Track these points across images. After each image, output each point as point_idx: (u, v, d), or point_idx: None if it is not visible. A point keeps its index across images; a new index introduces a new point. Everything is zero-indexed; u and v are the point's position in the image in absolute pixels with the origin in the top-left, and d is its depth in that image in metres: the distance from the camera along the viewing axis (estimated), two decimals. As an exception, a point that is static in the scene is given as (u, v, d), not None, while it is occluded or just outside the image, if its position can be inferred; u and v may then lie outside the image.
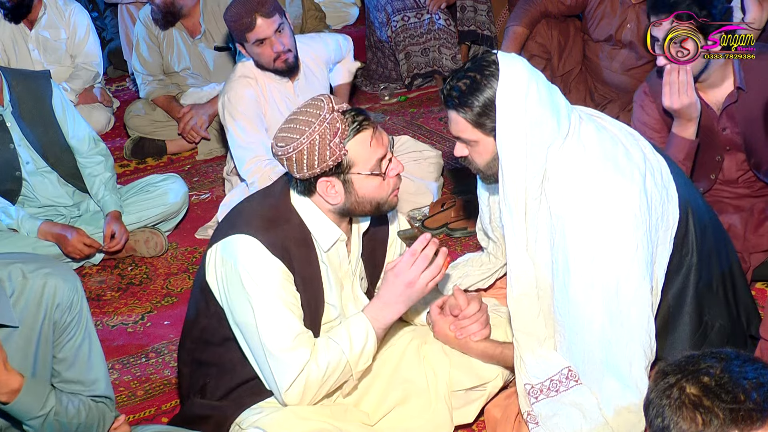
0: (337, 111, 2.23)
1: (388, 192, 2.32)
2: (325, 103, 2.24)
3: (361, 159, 2.24)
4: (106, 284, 3.67)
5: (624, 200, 2.21)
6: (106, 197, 3.71)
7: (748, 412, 1.37)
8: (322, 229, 2.34)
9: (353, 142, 2.23)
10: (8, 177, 3.62)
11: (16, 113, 3.55)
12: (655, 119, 3.15)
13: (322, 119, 2.20)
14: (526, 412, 2.34)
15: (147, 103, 4.69)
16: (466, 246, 3.60)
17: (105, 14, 5.78)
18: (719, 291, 2.48)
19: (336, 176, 2.25)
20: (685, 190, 2.41)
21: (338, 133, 2.20)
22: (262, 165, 3.55)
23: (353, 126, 2.23)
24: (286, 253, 2.29)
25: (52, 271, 2.09)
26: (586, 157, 2.24)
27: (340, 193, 2.27)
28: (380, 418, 2.48)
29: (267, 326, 2.26)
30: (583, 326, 2.25)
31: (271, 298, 2.26)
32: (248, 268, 2.26)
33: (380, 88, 5.21)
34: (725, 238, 2.60)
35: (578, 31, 4.25)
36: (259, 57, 3.56)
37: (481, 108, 2.21)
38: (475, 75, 2.22)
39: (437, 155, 3.95)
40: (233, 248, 2.29)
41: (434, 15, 5.06)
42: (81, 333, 2.15)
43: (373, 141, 2.25)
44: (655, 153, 2.39)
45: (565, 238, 2.23)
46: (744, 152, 3.09)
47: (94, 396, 2.19)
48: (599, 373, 2.26)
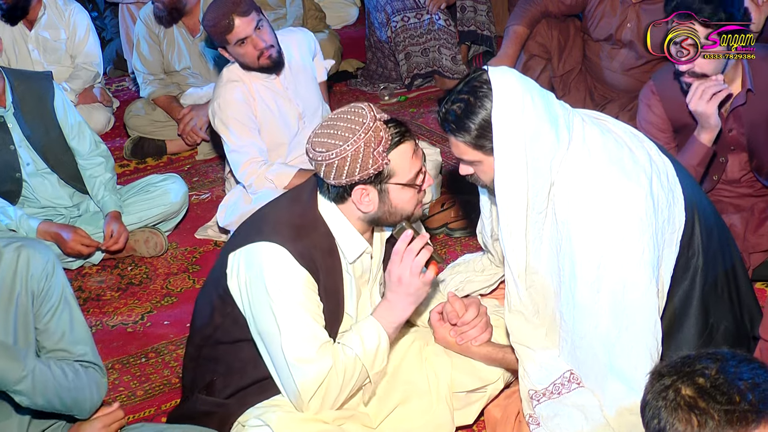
0: (380, 120, 2.22)
1: (415, 203, 2.32)
2: (368, 111, 2.23)
3: (400, 170, 2.24)
4: (106, 284, 3.67)
5: (630, 204, 2.20)
6: (105, 198, 3.70)
7: (743, 413, 1.37)
8: (349, 240, 2.34)
9: (396, 152, 2.23)
10: (8, 178, 3.62)
11: (17, 114, 3.55)
12: (662, 119, 3.14)
13: (367, 127, 2.19)
14: (528, 415, 2.34)
15: (147, 103, 4.68)
16: (466, 246, 3.60)
17: (105, 14, 5.78)
18: (724, 292, 2.47)
19: (373, 185, 2.24)
20: (691, 191, 2.40)
21: (382, 143, 2.20)
22: (257, 167, 3.54)
23: (396, 136, 2.23)
24: (312, 263, 2.28)
25: (24, 243, 2.11)
26: (592, 161, 2.23)
27: (373, 202, 2.27)
28: (382, 420, 2.48)
29: (290, 337, 2.25)
30: (589, 330, 2.24)
31: (295, 308, 2.25)
32: (274, 277, 2.25)
33: (380, 88, 5.21)
34: (729, 238, 2.59)
35: (578, 31, 4.24)
36: (243, 57, 3.54)
37: (478, 130, 2.20)
38: (469, 97, 2.21)
39: (436, 152, 3.94)
40: (259, 256, 2.27)
41: (434, 15, 5.05)
42: (60, 302, 2.16)
43: (414, 154, 2.26)
44: (660, 155, 2.37)
45: (571, 242, 2.22)
46: (747, 152, 3.09)
47: (81, 362, 2.20)
48: (603, 375, 2.25)
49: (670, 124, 3.14)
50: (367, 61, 5.36)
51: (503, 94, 2.17)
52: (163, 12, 4.48)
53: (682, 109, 3.07)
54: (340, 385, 2.29)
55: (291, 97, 3.66)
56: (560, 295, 2.29)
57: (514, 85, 2.19)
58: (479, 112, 2.19)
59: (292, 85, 3.67)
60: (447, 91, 2.33)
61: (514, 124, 2.16)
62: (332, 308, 2.35)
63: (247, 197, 3.57)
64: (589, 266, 2.20)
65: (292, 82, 3.68)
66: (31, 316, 2.12)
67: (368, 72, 5.33)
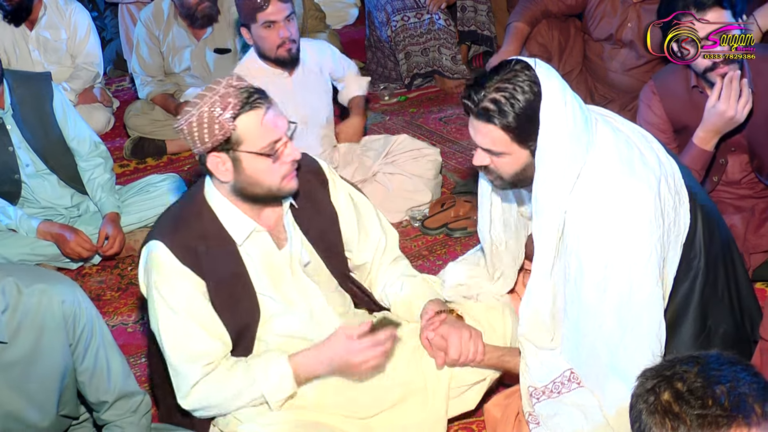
0: (233, 87, 2.19)
1: (279, 176, 2.26)
2: (226, 79, 2.21)
3: (250, 137, 2.20)
4: (106, 284, 3.67)
5: (639, 206, 2.18)
6: (103, 199, 3.70)
7: (714, 417, 1.39)
8: (233, 221, 2.32)
9: (244, 117, 2.18)
10: (7, 180, 3.62)
11: (16, 116, 3.55)
12: (663, 119, 3.13)
13: (215, 92, 2.18)
14: (528, 413, 2.34)
15: (146, 103, 4.69)
16: (466, 246, 3.60)
17: (105, 14, 5.79)
18: (724, 295, 2.46)
19: (226, 152, 2.21)
20: (695, 193, 2.39)
21: (229, 108, 2.16)
22: None
23: (247, 102, 2.18)
24: (194, 256, 2.27)
25: (48, 286, 2.04)
26: (603, 161, 2.21)
27: (230, 171, 2.23)
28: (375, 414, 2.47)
29: (169, 339, 2.29)
30: (593, 329, 2.24)
31: (176, 314, 2.27)
32: (158, 280, 2.27)
33: (380, 88, 5.21)
34: (731, 240, 2.59)
35: (579, 31, 4.24)
36: (264, 41, 3.55)
37: (519, 119, 2.12)
38: (514, 87, 2.12)
39: (435, 152, 3.95)
40: (147, 256, 2.31)
41: (434, 15, 5.06)
42: (95, 341, 2.15)
43: (265, 120, 2.20)
44: (668, 156, 2.36)
45: (579, 241, 2.21)
46: (748, 153, 3.09)
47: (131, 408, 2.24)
48: (604, 375, 2.25)
49: (670, 124, 3.13)
50: (367, 60, 5.36)
51: (551, 88, 2.12)
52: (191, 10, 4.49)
53: (683, 110, 3.07)
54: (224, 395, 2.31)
55: (298, 101, 3.69)
56: (564, 292, 2.28)
57: (558, 82, 2.15)
58: (522, 100, 2.11)
59: (301, 89, 3.70)
60: (474, 79, 2.20)
61: (561, 120, 2.12)
62: (235, 293, 2.33)
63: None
64: (596, 266, 2.19)
65: (303, 86, 3.71)
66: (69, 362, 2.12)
67: (368, 72, 5.33)
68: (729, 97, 2.85)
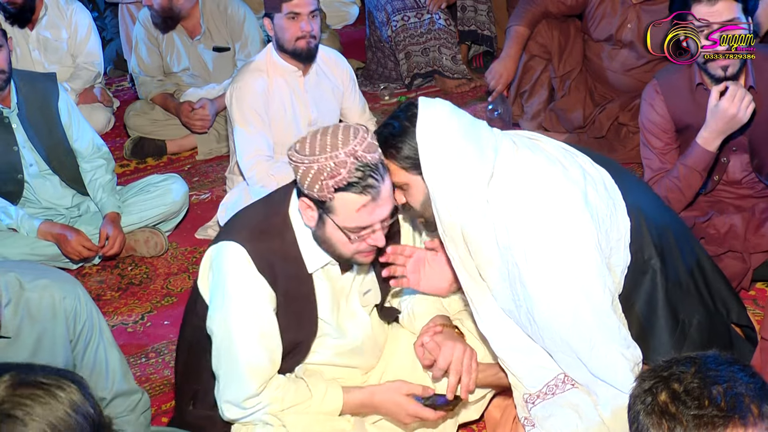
0: (356, 159, 2.09)
1: (352, 251, 2.24)
2: (353, 144, 2.09)
3: (342, 213, 2.14)
4: (106, 284, 3.67)
5: (567, 220, 2.22)
6: (104, 199, 3.70)
7: (711, 418, 1.39)
8: (310, 251, 2.30)
9: (345, 195, 2.11)
10: (10, 180, 3.61)
11: (22, 115, 3.55)
12: (666, 119, 3.13)
13: (333, 156, 2.08)
14: (524, 417, 2.35)
15: (146, 103, 4.68)
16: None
17: (105, 14, 5.78)
18: (690, 287, 2.48)
19: (317, 207, 2.18)
20: (633, 196, 2.42)
21: (336, 178, 2.09)
22: (262, 160, 3.57)
23: (356, 184, 2.10)
24: (270, 269, 2.26)
25: (49, 282, 2.04)
26: (524, 183, 2.25)
27: (313, 221, 2.21)
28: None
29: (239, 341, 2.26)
30: (560, 347, 2.26)
31: (246, 322, 2.25)
32: (233, 283, 2.25)
33: (380, 88, 5.21)
34: (687, 234, 2.59)
35: (579, 32, 4.25)
36: (284, 32, 3.57)
37: (404, 148, 2.25)
38: (398, 119, 2.28)
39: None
40: (222, 255, 2.28)
41: (434, 15, 5.06)
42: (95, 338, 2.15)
43: (363, 210, 2.13)
44: (594, 166, 2.40)
45: (518, 268, 2.23)
46: (749, 153, 3.09)
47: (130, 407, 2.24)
48: (591, 380, 2.27)
49: (672, 123, 3.13)
50: (367, 60, 5.36)
51: (429, 112, 2.25)
52: (158, 19, 4.50)
53: (686, 109, 3.07)
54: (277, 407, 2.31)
55: (308, 102, 3.70)
56: (520, 319, 2.30)
57: (441, 107, 2.27)
58: (407, 130, 2.25)
59: (312, 90, 3.70)
60: None
61: (439, 138, 2.21)
62: (298, 312, 2.32)
63: (247, 196, 3.57)
64: (541, 290, 2.22)
65: (314, 88, 3.72)
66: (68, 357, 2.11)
67: (368, 72, 5.33)
68: (734, 96, 2.85)
